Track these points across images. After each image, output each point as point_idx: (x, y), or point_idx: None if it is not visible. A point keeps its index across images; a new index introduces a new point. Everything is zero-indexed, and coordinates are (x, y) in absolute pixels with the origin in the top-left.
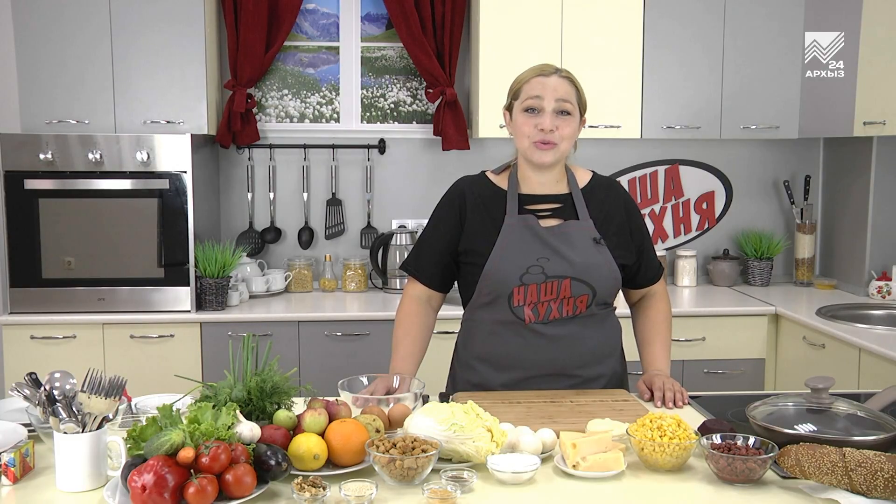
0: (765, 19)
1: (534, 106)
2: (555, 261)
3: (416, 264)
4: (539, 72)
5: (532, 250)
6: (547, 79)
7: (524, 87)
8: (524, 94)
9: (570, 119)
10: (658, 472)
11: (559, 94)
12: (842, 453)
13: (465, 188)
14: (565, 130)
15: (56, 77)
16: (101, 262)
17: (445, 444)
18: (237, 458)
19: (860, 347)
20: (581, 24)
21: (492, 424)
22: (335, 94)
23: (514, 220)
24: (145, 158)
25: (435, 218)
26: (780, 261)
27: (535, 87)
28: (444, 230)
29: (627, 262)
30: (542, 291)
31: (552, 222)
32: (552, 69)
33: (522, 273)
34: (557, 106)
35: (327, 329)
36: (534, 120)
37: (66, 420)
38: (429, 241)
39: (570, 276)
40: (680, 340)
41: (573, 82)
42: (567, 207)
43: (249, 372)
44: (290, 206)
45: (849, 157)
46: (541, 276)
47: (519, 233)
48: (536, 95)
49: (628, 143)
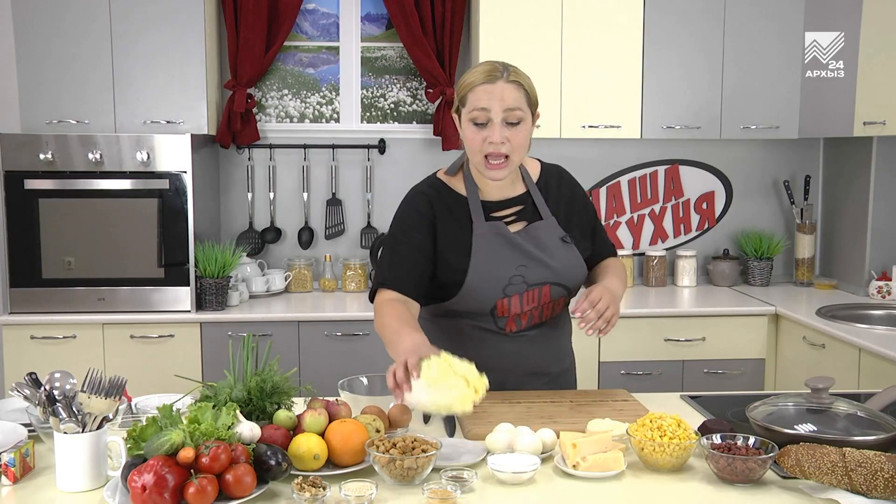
0: (764, 19)
1: (481, 119)
2: (532, 268)
3: (391, 275)
4: (485, 77)
5: (509, 260)
6: (493, 86)
7: (469, 96)
8: (470, 104)
9: (520, 127)
10: (658, 472)
11: (507, 103)
12: (842, 453)
13: (431, 196)
14: (517, 140)
15: (56, 77)
16: (101, 262)
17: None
18: (237, 458)
19: (860, 347)
20: (581, 24)
21: (466, 372)
22: (335, 94)
23: (484, 229)
24: (145, 158)
25: (404, 227)
26: (780, 261)
27: (482, 98)
28: (419, 238)
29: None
30: (525, 301)
31: (518, 226)
32: (499, 72)
33: (505, 285)
34: (506, 116)
35: (327, 329)
36: (482, 133)
37: (66, 420)
38: (402, 252)
39: (550, 281)
40: (680, 340)
41: (522, 84)
42: (528, 208)
43: (249, 372)
44: (290, 206)
45: (849, 157)
46: (522, 285)
47: (492, 243)
48: (483, 108)
49: (628, 143)
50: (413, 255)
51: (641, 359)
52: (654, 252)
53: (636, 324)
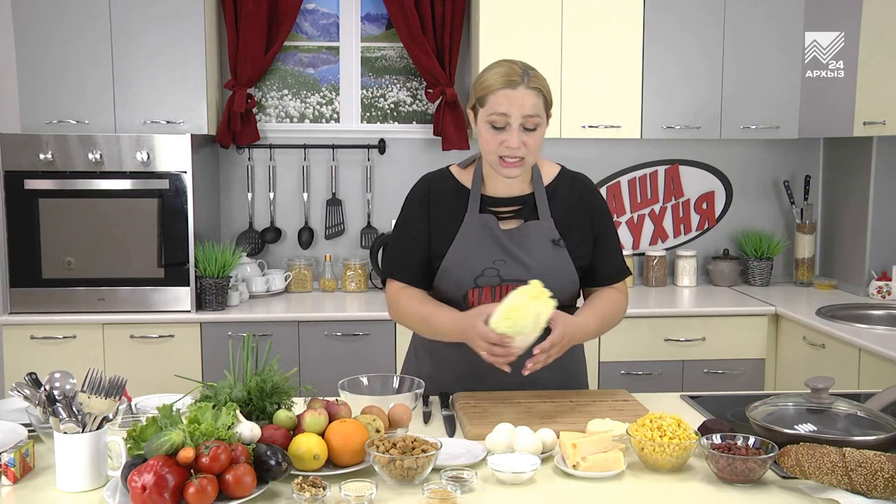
0: (765, 19)
1: (499, 123)
2: (511, 264)
3: (396, 266)
4: (506, 82)
5: (489, 252)
6: (514, 92)
7: (490, 99)
8: (489, 107)
9: (537, 132)
10: (658, 472)
11: (526, 110)
12: (842, 453)
13: (431, 184)
14: (533, 144)
15: (56, 77)
16: (101, 262)
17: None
18: (237, 458)
19: (860, 347)
20: (581, 24)
21: (518, 297)
22: (335, 94)
23: (474, 219)
24: (145, 158)
25: (406, 217)
26: (780, 261)
27: (502, 103)
28: (419, 228)
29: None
30: (497, 295)
31: (512, 224)
32: (519, 77)
33: (477, 276)
34: (524, 122)
35: (327, 329)
36: (500, 136)
37: (66, 420)
38: (405, 242)
39: (525, 279)
40: (680, 340)
41: (541, 90)
42: (528, 207)
43: (249, 372)
44: (290, 206)
45: (849, 157)
46: (496, 278)
47: (477, 233)
48: (503, 113)
49: (628, 143)
50: (414, 244)
51: (641, 359)
52: (654, 252)
53: (636, 324)
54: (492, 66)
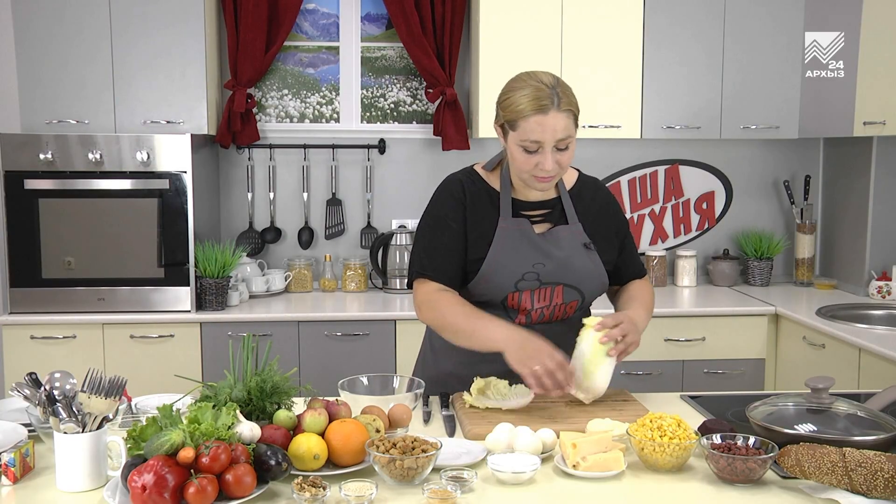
0: (765, 19)
1: (532, 149)
2: (548, 267)
3: (432, 266)
4: (537, 108)
5: (528, 256)
6: (545, 117)
7: (521, 124)
8: (521, 133)
9: (569, 149)
10: (658, 472)
11: (559, 134)
12: (842, 453)
13: (464, 185)
14: (565, 161)
15: (56, 77)
16: (101, 262)
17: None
18: (237, 458)
19: (860, 347)
20: (581, 24)
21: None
22: (335, 94)
23: (509, 223)
24: (145, 158)
25: (440, 216)
26: (780, 261)
27: (535, 130)
28: (455, 227)
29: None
30: (537, 298)
31: (543, 227)
32: (549, 101)
33: (518, 279)
34: (557, 144)
35: (327, 329)
36: (533, 159)
37: (66, 420)
38: (441, 241)
39: (563, 282)
40: (680, 340)
41: (572, 111)
42: (557, 212)
43: (249, 372)
44: (290, 206)
45: (849, 157)
46: (535, 282)
47: (514, 238)
48: (536, 140)
49: (628, 143)
50: (452, 243)
51: (641, 359)
52: (654, 252)
53: None
54: (518, 84)
